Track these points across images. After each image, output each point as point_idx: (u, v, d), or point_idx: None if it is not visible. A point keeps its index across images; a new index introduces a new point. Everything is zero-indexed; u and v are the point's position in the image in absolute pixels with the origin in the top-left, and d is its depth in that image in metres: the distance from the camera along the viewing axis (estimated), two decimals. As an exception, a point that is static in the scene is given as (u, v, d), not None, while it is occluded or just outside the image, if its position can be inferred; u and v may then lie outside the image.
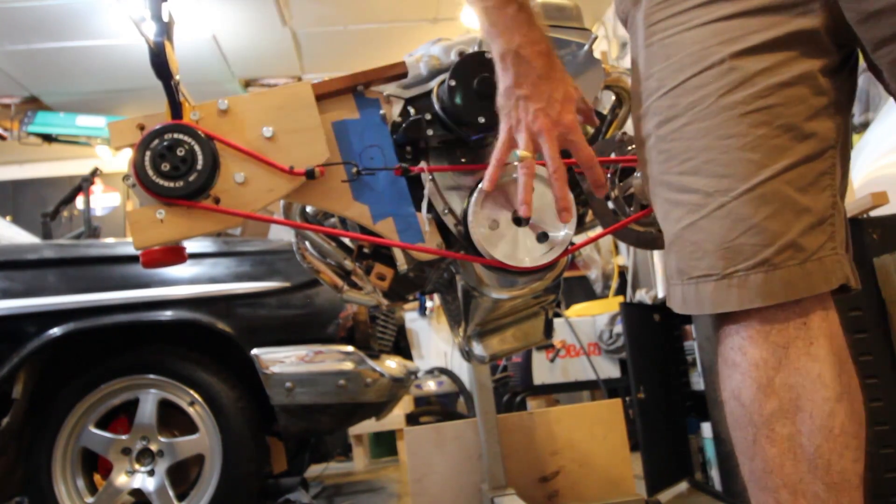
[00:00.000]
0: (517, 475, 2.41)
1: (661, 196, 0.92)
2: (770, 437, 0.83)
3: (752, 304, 0.83)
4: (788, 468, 0.82)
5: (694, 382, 2.66)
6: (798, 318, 0.84)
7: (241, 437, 2.42)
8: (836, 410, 0.82)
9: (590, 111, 1.12)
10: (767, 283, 0.83)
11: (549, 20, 1.30)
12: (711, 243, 0.85)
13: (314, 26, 5.31)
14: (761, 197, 0.83)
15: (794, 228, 0.83)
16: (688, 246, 0.88)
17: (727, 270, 0.84)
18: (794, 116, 0.84)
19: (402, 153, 1.22)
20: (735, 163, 0.84)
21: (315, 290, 2.54)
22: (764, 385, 0.84)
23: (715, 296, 0.85)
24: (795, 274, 0.83)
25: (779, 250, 0.83)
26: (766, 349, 0.84)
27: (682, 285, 0.89)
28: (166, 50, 1.11)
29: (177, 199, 1.10)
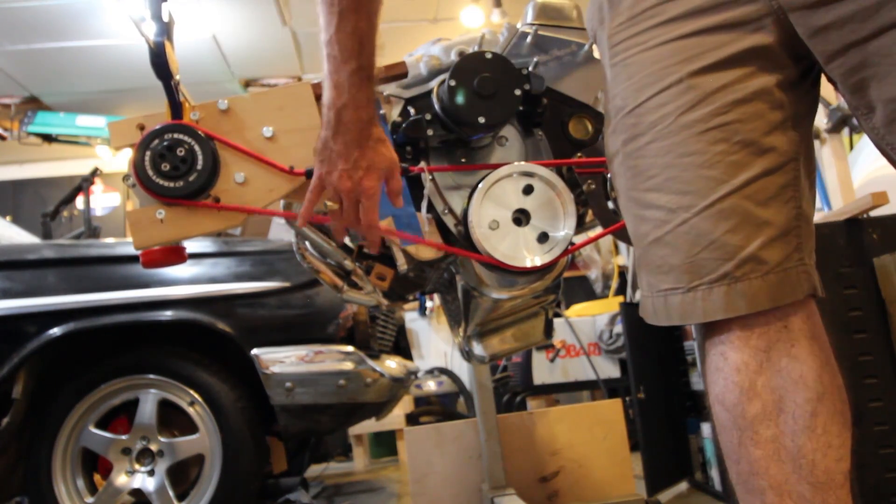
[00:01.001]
0: (517, 475, 2.41)
1: (631, 211, 0.94)
2: (754, 440, 0.84)
3: (715, 316, 0.86)
4: (774, 470, 0.83)
5: (694, 382, 2.66)
6: (778, 321, 0.85)
7: (241, 437, 2.42)
8: (818, 410, 0.83)
9: (397, 189, 1.14)
10: (729, 295, 0.84)
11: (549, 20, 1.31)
12: (676, 258, 0.87)
13: (314, 26, 5.24)
14: (720, 212, 0.85)
15: (755, 242, 0.84)
16: (656, 260, 0.90)
17: (692, 284, 0.86)
18: (752, 132, 0.85)
19: (402, 153, 1.22)
20: (695, 180, 0.86)
21: (315, 290, 2.54)
22: (746, 388, 0.85)
23: (682, 308, 0.88)
24: (757, 286, 0.84)
25: (739, 264, 0.84)
26: (748, 353, 0.86)
27: (653, 297, 0.92)
28: (166, 50, 1.11)
29: (177, 198, 1.10)
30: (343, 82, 1.06)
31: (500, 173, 1.17)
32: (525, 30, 1.30)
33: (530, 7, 1.32)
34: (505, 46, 1.29)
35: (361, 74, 1.06)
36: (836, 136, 2.83)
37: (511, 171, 1.17)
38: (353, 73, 1.06)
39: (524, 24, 1.31)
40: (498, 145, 1.26)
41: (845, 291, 1.71)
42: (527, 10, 1.33)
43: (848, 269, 1.72)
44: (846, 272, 1.72)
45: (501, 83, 1.18)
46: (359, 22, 1.07)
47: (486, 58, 1.18)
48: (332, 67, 1.08)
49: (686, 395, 2.75)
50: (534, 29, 1.29)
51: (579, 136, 1.28)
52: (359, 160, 1.07)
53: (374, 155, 1.08)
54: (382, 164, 1.08)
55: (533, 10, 1.32)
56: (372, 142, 1.08)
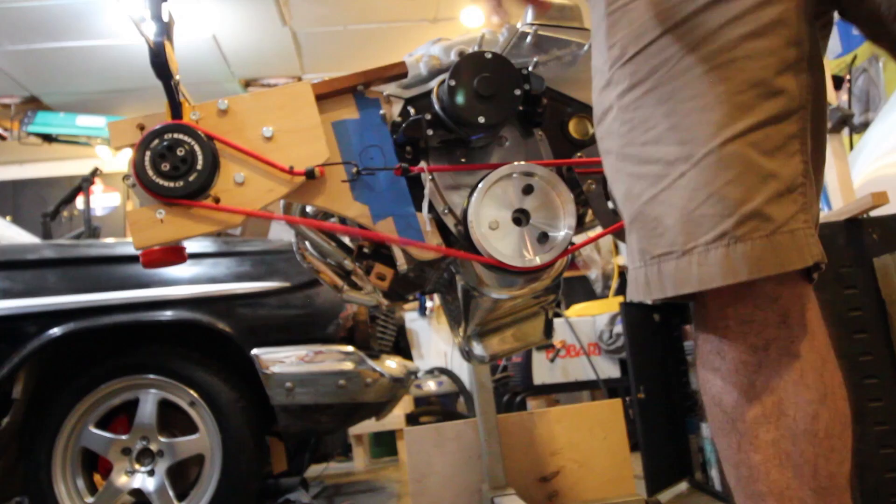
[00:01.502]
0: (517, 475, 2.41)
1: (624, 171, 0.84)
2: (754, 444, 0.80)
3: (711, 283, 0.76)
4: (774, 475, 0.79)
5: (694, 382, 2.66)
6: (777, 316, 0.79)
7: (241, 437, 2.42)
8: (819, 413, 0.78)
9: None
10: (729, 258, 0.75)
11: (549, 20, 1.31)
12: (672, 217, 0.78)
13: (314, 26, 5.30)
14: (720, 161, 0.76)
15: (759, 195, 0.75)
16: (649, 222, 0.81)
17: (687, 246, 0.77)
18: (761, 70, 0.76)
19: (402, 153, 1.22)
20: (696, 126, 0.77)
21: (315, 290, 2.54)
22: (745, 389, 0.80)
23: (676, 276, 0.78)
24: (761, 248, 0.75)
25: (741, 220, 0.75)
26: (745, 351, 0.79)
27: (645, 266, 0.82)
28: (166, 50, 1.11)
29: (177, 198, 1.10)
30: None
31: (500, 173, 1.17)
32: (525, 30, 1.30)
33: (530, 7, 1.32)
34: (505, 46, 1.29)
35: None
36: (836, 136, 2.83)
37: (511, 171, 1.17)
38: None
39: (524, 24, 1.31)
40: (498, 145, 1.26)
41: (845, 291, 1.71)
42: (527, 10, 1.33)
43: (848, 269, 1.72)
44: (846, 272, 1.72)
45: (501, 83, 1.18)
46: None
47: (486, 58, 1.18)
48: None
49: (686, 395, 2.75)
50: (534, 29, 1.29)
51: (579, 136, 1.28)
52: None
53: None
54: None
55: (533, 10, 1.32)
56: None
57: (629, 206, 0.84)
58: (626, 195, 0.85)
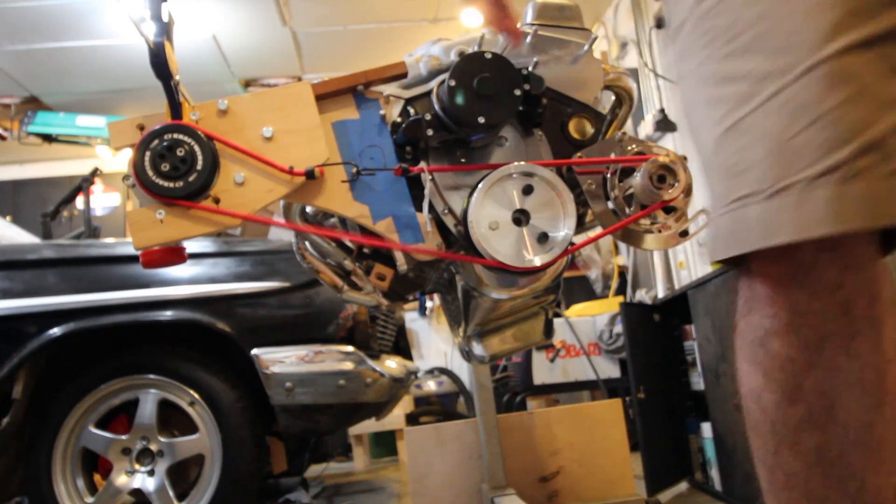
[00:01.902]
0: (517, 475, 2.41)
1: (700, 97, 0.69)
2: (794, 450, 0.69)
3: (815, 232, 0.59)
4: (814, 484, 0.68)
5: (694, 382, 2.66)
6: (838, 306, 0.65)
7: (241, 437, 2.42)
8: (875, 422, 0.66)
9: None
10: (840, 199, 0.58)
11: (549, 20, 1.31)
12: (760, 147, 0.62)
13: (314, 26, 5.31)
14: (832, 75, 0.60)
15: (882, 122, 0.59)
16: (729, 158, 0.65)
17: (781, 183, 0.61)
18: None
19: (402, 153, 1.22)
20: (799, 31, 0.61)
21: (315, 290, 2.54)
22: (791, 390, 0.67)
23: (763, 223, 0.62)
24: (883, 189, 0.58)
25: (860, 151, 0.58)
26: (796, 346, 0.66)
27: (721, 216, 0.66)
28: (166, 50, 1.11)
29: (176, 199, 1.10)
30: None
31: (500, 173, 1.17)
32: (525, 30, 1.30)
33: (530, 7, 1.32)
34: (505, 46, 1.29)
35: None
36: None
37: (511, 171, 1.17)
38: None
39: (524, 24, 1.31)
40: (498, 145, 1.26)
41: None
42: (527, 10, 1.33)
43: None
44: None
45: (501, 83, 1.18)
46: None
47: (486, 58, 1.18)
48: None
49: (686, 395, 2.75)
50: (534, 29, 1.29)
51: (579, 136, 1.28)
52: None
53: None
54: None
55: (533, 10, 1.32)
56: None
57: (704, 142, 0.68)
58: (699, 128, 0.69)
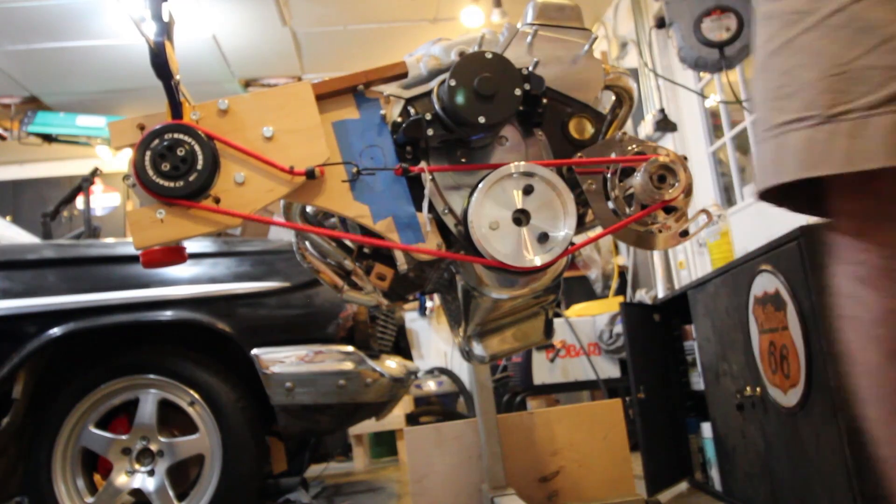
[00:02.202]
0: (517, 475, 2.41)
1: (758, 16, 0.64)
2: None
3: (867, 163, 0.54)
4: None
5: (694, 382, 2.66)
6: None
7: (241, 437, 2.42)
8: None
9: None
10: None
11: (549, 20, 1.31)
12: (814, 68, 0.57)
13: (314, 26, 5.31)
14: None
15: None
16: (775, 78, 0.60)
17: (834, 109, 0.56)
18: None
19: (402, 153, 1.22)
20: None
21: (315, 290, 2.54)
22: (891, 350, 0.60)
23: (808, 149, 0.56)
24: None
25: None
26: (893, 294, 0.59)
27: (761, 143, 0.61)
28: (166, 50, 1.11)
29: (177, 199, 1.10)
30: None
31: (500, 173, 1.17)
32: (525, 30, 1.30)
33: (530, 7, 1.32)
34: (505, 46, 1.29)
35: None
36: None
37: (511, 171, 1.17)
38: None
39: (524, 24, 1.31)
40: (498, 145, 1.26)
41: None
42: (527, 10, 1.33)
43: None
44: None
45: (501, 83, 1.18)
46: None
47: (486, 58, 1.18)
48: None
49: (686, 395, 2.75)
50: (534, 29, 1.29)
51: (579, 136, 1.28)
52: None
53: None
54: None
55: (533, 10, 1.32)
56: None
57: (757, 59, 0.62)
58: (758, 45, 0.63)
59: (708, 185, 4.38)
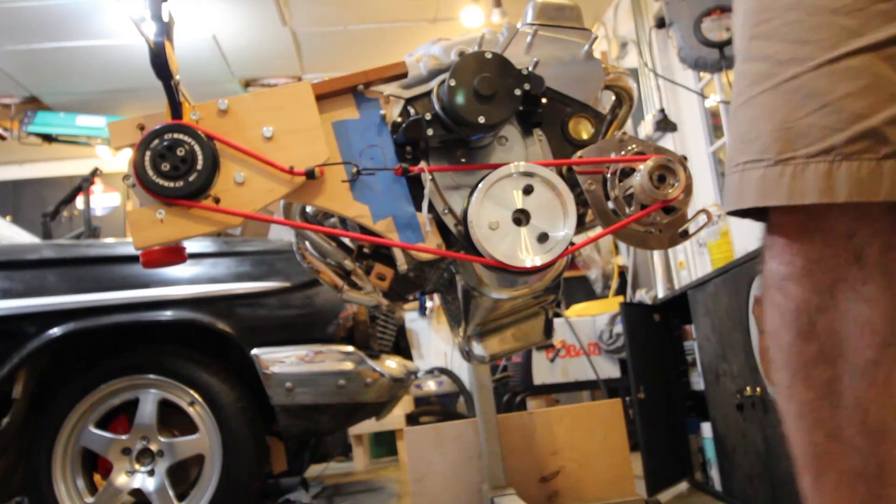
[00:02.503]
0: (517, 475, 2.41)
1: (736, 69, 0.77)
2: (807, 383, 0.75)
3: (802, 199, 0.69)
4: (824, 413, 0.75)
5: (694, 382, 2.66)
6: (850, 254, 0.71)
7: (241, 437, 2.42)
8: (881, 359, 0.72)
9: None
10: (830, 175, 0.67)
11: (549, 20, 1.31)
12: (770, 121, 0.71)
13: (314, 26, 5.31)
14: (846, 70, 0.68)
15: (882, 113, 0.67)
16: (741, 127, 0.74)
17: (782, 156, 0.70)
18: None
19: (402, 153, 1.22)
20: (823, 27, 0.69)
21: (315, 290, 2.55)
22: (805, 330, 0.74)
23: (761, 185, 0.71)
24: (868, 170, 0.67)
25: (853, 137, 0.68)
26: (810, 290, 0.73)
27: (729, 175, 0.76)
28: (166, 50, 1.11)
29: (177, 199, 1.10)
30: None
31: (500, 173, 1.17)
32: (525, 30, 1.30)
33: (530, 7, 1.33)
34: (505, 46, 1.29)
35: None
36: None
37: (511, 171, 1.17)
38: None
39: (524, 24, 1.31)
40: (498, 145, 1.26)
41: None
42: (527, 10, 1.33)
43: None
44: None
45: (501, 83, 1.18)
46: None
47: (486, 58, 1.18)
48: None
49: (686, 395, 2.75)
50: (534, 29, 1.29)
51: (579, 136, 1.28)
52: None
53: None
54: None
55: (533, 10, 1.32)
56: None
57: (730, 108, 0.77)
58: (733, 93, 0.78)
59: (708, 185, 4.38)
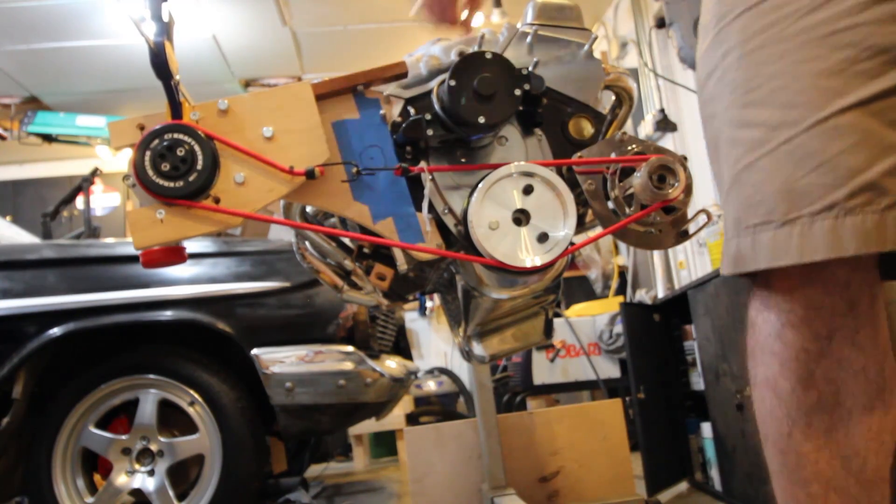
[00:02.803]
0: (517, 475, 2.41)
1: (723, 136, 0.80)
2: (806, 433, 0.78)
3: (814, 256, 0.72)
4: (823, 464, 0.77)
5: (694, 382, 2.66)
6: (845, 303, 0.75)
7: (241, 437, 2.42)
8: (875, 406, 0.76)
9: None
10: (836, 230, 0.71)
11: (549, 20, 1.31)
12: (772, 184, 0.74)
13: (314, 26, 5.30)
14: (836, 129, 0.71)
15: (877, 166, 0.70)
16: (746, 189, 0.77)
17: (789, 216, 0.73)
18: (889, 36, 0.72)
19: (402, 153, 1.22)
20: (809, 90, 0.73)
21: (315, 290, 2.55)
22: (804, 378, 0.77)
23: (773, 246, 0.74)
24: (873, 222, 0.70)
25: (853, 192, 0.70)
26: (808, 338, 0.76)
27: (738, 238, 0.79)
28: (166, 50, 1.11)
29: (177, 199, 1.10)
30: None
31: (500, 173, 1.17)
32: (525, 30, 1.30)
33: (530, 7, 1.33)
34: (505, 46, 1.29)
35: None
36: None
37: (511, 171, 1.17)
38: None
39: (524, 24, 1.31)
40: (498, 145, 1.26)
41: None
42: (527, 10, 1.33)
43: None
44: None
45: (501, 83, 1.18)
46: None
47: (486, 58, 1.18)
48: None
49: (686, 395, 2.75)
50: (534, 29, 1.29)
51: (579, 136, 1.28)
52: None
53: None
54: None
55: (533, 10, 1.32)
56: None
57: (727, 172, 0.80)
58: (724, 163, 0.81)
59: (708, 185, 4.37)
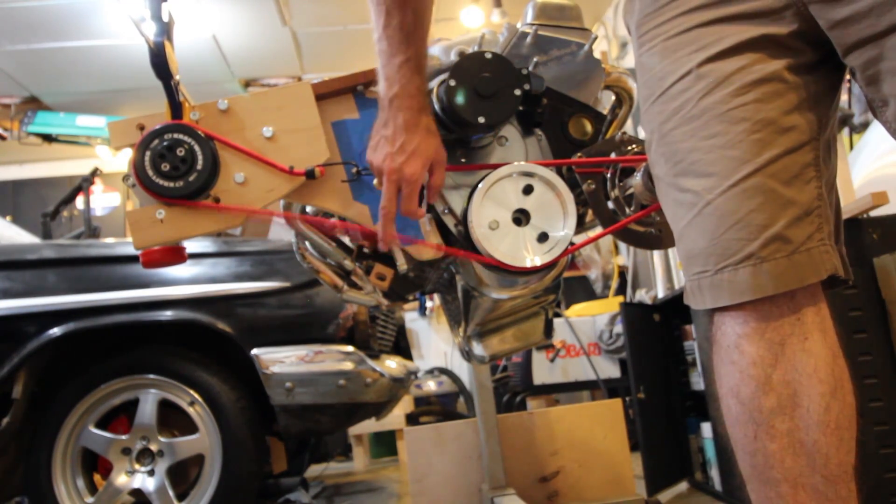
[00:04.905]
0: (517, 475, 2.41)
1: (670, 197, 0.94)
2: (770, 434, 0.85)
3: (742, 298, 0.86)
4: (789, 462, 0.85)
5: (694, 382, 2.66)
6: (792, 314, 0.86)
7: (241, 437, 2.42)
8: (831, 405, 0.84)
9: (438, 183, 1.15)
10: (756, 276, 0.85)
11: (549, 20, 1.31)
12: (703, 241, 0.88)
13: (314, 26, 5.30)
14: (745, 191, 0.85)
15: (780, 221, 0.85)
16: (688, 244, 0.91)
17: (718, 266, 0.87)
18: (772, 111, 0.86)
19: (402, 153, 1.22)
20: (718, 161, 0.87)
21: (315, 290, 2.54)
22: (762, 383, 0.86)
23: (712, 291, 0.88)
24: (783, 266, 0.85)
25: (765, 243, 0.85)
26: (763, 346, 0.86)
27: (689, 281, 0.92)
28: (166, 50, 1.11)
29: (177, 198, 1.10)
30: (393, 74, 1.10)
31: (500, 173, 1.17)
32: (525, 30, 1.30)
33: (530, 7, 1.33)
34: (505, 46, 1.29)
35: (409, 65, 1.10)
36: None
37: (511, 171, 1.17)
38: (402, 64, 1.09)
39: (524, 24, 1.32)
40: (498, 145, 1.26)
41: (845, 291, 1.71)
42: (527, 10, 1.33)
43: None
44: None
45: (501, 83, 1.18)
46: (404, 17, 1.09)
47: (486, 58, 1.18)
48: (383, 61, 1.11)
49: (686, 395, 2.75)
50: (534, 29, 1.29)
51: (579, 136, 1.28)
52: (405, 145, 1.09)
53: (421, 142, 1.10)
54: (427, 152, 1.10)
55: (533, 10, 1.32)
56: (421, 129, 1.10)
57: (675, 227, 0.94)
58: (672, 218, 0.95)
59: (708, 185, 4.37)
